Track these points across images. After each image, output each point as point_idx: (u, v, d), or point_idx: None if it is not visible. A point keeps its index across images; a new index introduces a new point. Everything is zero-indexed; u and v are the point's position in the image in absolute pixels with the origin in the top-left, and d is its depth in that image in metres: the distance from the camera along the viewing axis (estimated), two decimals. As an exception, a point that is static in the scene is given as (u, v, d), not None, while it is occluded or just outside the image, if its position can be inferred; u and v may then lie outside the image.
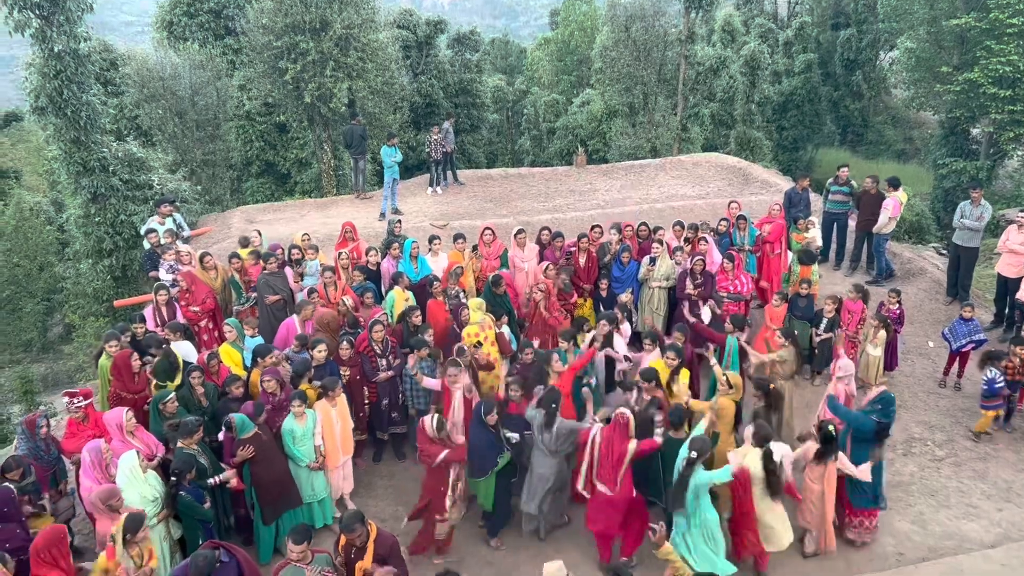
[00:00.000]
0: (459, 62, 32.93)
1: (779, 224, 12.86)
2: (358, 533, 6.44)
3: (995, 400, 10.12)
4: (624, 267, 11.64)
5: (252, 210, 18.87)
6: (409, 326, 9.98)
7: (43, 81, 16.18)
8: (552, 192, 19.30)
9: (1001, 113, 27.15)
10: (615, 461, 7.69)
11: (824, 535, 8.19)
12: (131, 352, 8.98)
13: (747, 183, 19.53)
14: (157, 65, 21.79)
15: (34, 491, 7.79)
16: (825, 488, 7.96)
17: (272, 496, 8.09)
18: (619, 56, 28.65)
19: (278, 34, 20.40)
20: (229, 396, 8.53)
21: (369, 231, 15.48)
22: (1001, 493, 9.36)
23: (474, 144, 33.70)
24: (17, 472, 7.57)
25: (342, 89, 20.81)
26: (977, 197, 12.74)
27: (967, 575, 8.03)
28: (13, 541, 6.91)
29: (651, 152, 28.02)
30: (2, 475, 7.49)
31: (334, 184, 23.30)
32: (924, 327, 13.08)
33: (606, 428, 7.82)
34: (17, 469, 7.58)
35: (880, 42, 41.05)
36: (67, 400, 8.54)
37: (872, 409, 8.31)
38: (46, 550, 6.34)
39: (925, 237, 23.96)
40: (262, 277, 11.00)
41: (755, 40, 35.33)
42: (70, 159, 17.07)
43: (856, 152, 39.97)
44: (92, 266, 18.66)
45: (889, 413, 8.30)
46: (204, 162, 22.92)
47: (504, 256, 11.94)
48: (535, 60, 46.60)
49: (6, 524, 7.05)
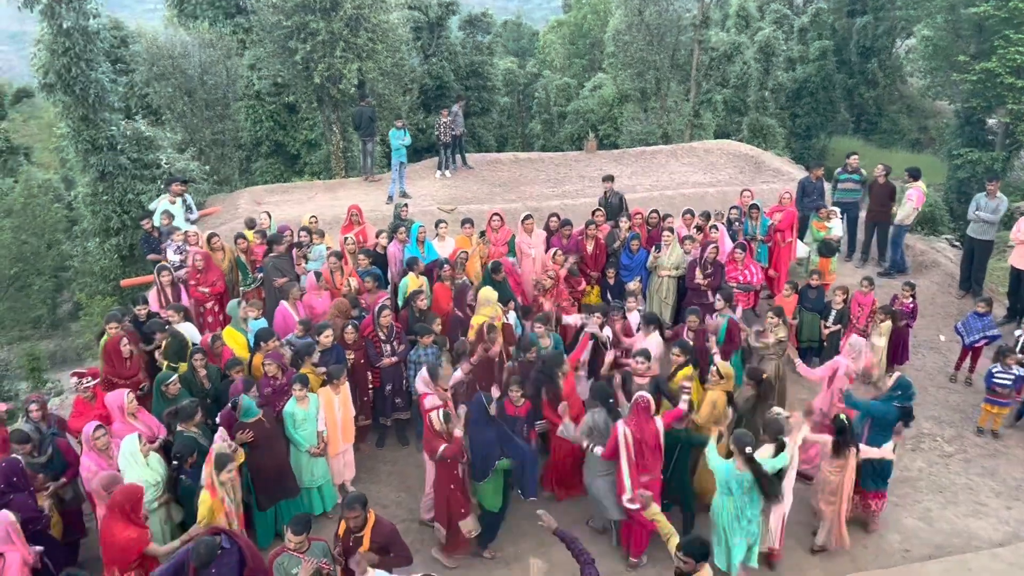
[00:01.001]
0: (470, 44, 32.65)
1: (790, 212, 12.72)
2: (356, 514, 6.37)
3: (997, 396, 10.04)
4: (633, 255, 11.52)
5: (260, 191, 18.80)
6: (414, 311, 9.91)
7: (51, 58, 16.10)
8: (562, 177, 19.15)
9: (1018, 103, 26.78)
10: (653, 446, 7.59)
11: (837, 529, 8.11)
12: (121, 337, 8.88)
13: (759, 171, 19.34)
14: (167, 43, 21.69)
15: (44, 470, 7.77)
16: (844, 480, 7.90)
17: (268, 484, 8.05)
18: (632, 40, 28.38)
19: (288, 13, 20.23)
20: (230, 379, 8.49)
21: (376, 214, 15.39)
22: (1010, 491, 9.25)
23: (484, 127, 33.49)
24: (25, 446, 7.58)
25: (352, 70, 20.65)
26: (993, 189, 12.56)
27: (974, 574, 7.93)
28: (25, 511, 6.94)
29: (662, 138, 27.81)
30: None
31: (343, 166, 23.20)
32: (936, 320, 12.94)
33: (630, 420, 7.64)
34: (25, 443, 7.59)
35: (897, 30, 40.53)
36: (75, 380, 8.56)
37: (892, 396, 8.36)
38: (122, 505, 6.47)
39: (938, 228, 23.69)
40: (270, 260, 10.92)
41: (770, 26, 34.90)
42: (78, 137, 17.02)
43: (870, 141, 39.55)
44: (99, 245, 18.67)
45: (909, 396, 8.43)
46: (213, 142, 22.85)
47: (511, 242, 11.82)
48: (547, 43, 46.24)
49: (18, 494, 7.08)
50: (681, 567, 5.70)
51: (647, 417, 7.62)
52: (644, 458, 7.62)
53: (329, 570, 6.24)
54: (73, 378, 8.68)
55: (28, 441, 7.68)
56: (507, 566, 8.25)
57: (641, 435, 7.57)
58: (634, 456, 7.57)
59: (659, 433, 7.65)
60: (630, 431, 7.56)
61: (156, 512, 7.35)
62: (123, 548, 6.43)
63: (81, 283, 22.02)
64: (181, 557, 6.14)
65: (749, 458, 7.06)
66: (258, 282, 11.11)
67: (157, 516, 7.37)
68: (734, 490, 7.22)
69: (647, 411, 7.62)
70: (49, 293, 26.33)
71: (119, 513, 6.45)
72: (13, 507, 6.77)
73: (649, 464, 7.65)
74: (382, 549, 6.40)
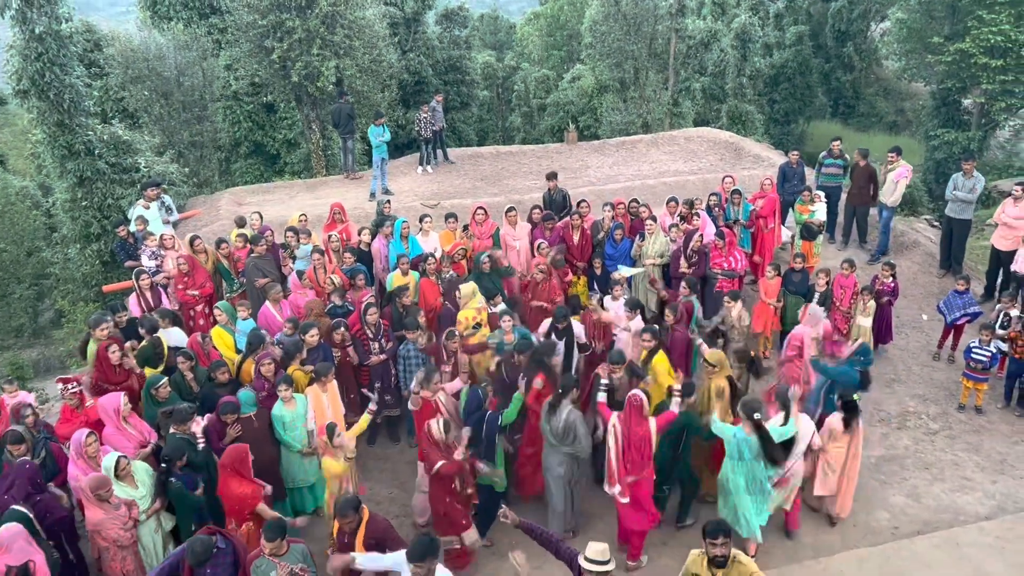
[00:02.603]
0: (448, 39, 32.54)
1: (772, 198, 12.80)
2: (350, 519, 6.36)
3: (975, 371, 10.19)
4: (617, 245, 11.56)
5: (241, 192, 18.69)
6: (398, 307, 9.91)
7: (24, 64, 15.91)
8: (544, 169, 19.07)
9: (992, 83, 27.08)
10: (640, 446, 7.46)
11: (841, 499, 8.38)
12: (110, 344, 8.81)
13: (739, 158, 19.43)
14: (142, 46, 21.44)
15: None
16: (851, 454, 8.16)
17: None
18: (609, 30, 28.39)
19: (263, 12, 20.08)
20: (215, 382, 8.46)
21: (359, 212, 15.35)
22: (995, 465, 9.39)
23: (464, 122, 33.41)
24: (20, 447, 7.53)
25: (329, 68, 20.52)
26: (969, 169, 12.68)
27: (962, 548, 8.06)
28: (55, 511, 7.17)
29: (643, 128, 27.85)
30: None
31: (324, 164, 23.07)
32: (917, 300, 13.09)
33: (621, 415, 7.54)
34: (19, 444, 7.54)
35: (871, 13, 40.78)
36: (61, 386, 8.49)
37: (855, 361, 8.74)
38: (232, 465, 7.04)
39: (918, 209, 23.94)
40: (251, 260, 10.89)
41: (746, 12, 34.93)
42: (54, 143, 16.85)
43: (848, 124, 39.79)
44: (80, 251, 18.48)
45: (869, 360, 8.98)
46: (191, 144, 22.64)
47: (496, 235, 11.83)
48: (525, 35, 46.15)
49: (43, 495, 7.18)
50: (715, 553, 5.66)
51: (639, 417, 7.47)
52: (627, 456, 7.51)
53: (306, 574, 6.23)
54: (59, 384, 8.61)
55: (23, 442, 7.61)
56: (502, 557, 8.26)
57: (628, 435, 7.47)
58: (621, 452, 7.52)
59: (650, 435, 7.49)
60: (619, 426, 7.52)
61: (146, 523, 7.31)
62: (239, 502, 6.94)
63: (63, 290, 21.80)
64: (176, 556, 6.15)
65: (757, 423, 7.24)
66: (242, 287, 11.07)
67: (147, 526, 7.32)
68: (744, 454, 7.36)
69: (640, 411, 7.47)
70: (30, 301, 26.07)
71: (231, 471, 7.00)
72: (42, 507, 6.99)
73: (635, 464, 7.50)
74: (378, 545, 6.39)
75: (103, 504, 6.83)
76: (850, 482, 8.31)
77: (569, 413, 7.73)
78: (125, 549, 7.18)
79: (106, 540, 7.02)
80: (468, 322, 9.55)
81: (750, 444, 7.31)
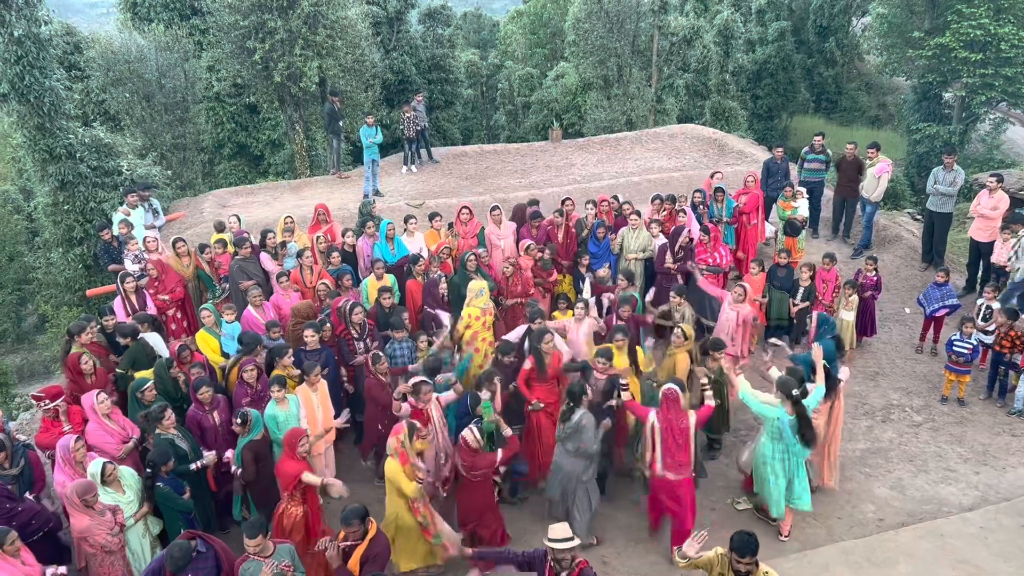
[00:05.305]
0: (431, 37, 32.47)
1: (755, 195, 12.87)
2: (353, 529, 6.33)
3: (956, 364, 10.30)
4: (600, 242, 11.60)
5: (225, 194, 18.59)
6: (383, 308, 9.89)
7: (4, 67, 15.76)
8: (529, 168, 19.18)
9: (973, 77, 27.31)
10: (682, 441, 7.47)
11: (825, 470, 8.62)
12: (80, 354, 8.72)
13: (723, 154, 19.51)
14: (122, 47, 21.26)
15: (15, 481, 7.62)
16: (832, 423, 8.43)
17: (266, 498, 8.02)
18: (592, 28, 28.41)
19: (245, 13, 19.97)
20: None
21: (344, 212, 15.31)
22: (978, 456, 9.48)
23: (449, 120, 33.38)
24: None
25: (312, 68, 20.45)
26: (950, 162, 12.80)
27: (946, 538, 8.12)
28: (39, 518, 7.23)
29: (627, 125, 27.91)
30: None
31: (307, 165, 22.99)
32: (900, 294, 13.19)
33: (661, 411, 7.53)
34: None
35: (853, 8, 41.06)
36: (35, 404, 8.42)
37: (823, 333, 9.06)
38: (289, 443, 7.37)
39: (900, 203, 24.12)
40: (235, 263, 10.85)
41: (728, 9, 35.08)
42: (35, 146, 16.71)
43: (831, 119, 40.04)
44: (63, 255, 18.35)
45: (832, 326, 9.41)
46: (174, 146, 22.49)
47: (481, 234, 11.83)
48: (508, 34, 46.11)
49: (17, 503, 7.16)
50: (739, 568, 5.60)
51: (678, 410, 7.50)
52: (669, 452, 7.49)
53: (291, 573, 6.21)
54: (33, 400, 8.54)
55: (3, 449, 7.57)
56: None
57: (669, 430, 7.46)
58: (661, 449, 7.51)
59: (689, 428, 7.50)
60: (659, 422, 7.52)
61: (134, 527, 7.28)
62: (288, 476, 7.25)
63: (46, 295, 21.63)
64: (158, 562, 6.12)
65: (796, 401, 7.44)
66: (226, 293, 11.02)
67: (135, 531, 7.29)
68: (785, 434, 7.53)
69: (677, 403, 7.49)
70: (13, 307, 25.91)
71: (288, 449, 7.35)
72: (23, 516, 7.00)
73: (676, 459, 7.48)
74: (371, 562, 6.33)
75: (88, 511, 6.79)
76: (833, 450, 8.60)
77: (582, 416, 7.73)
78: (113, 555, 7.11)
79: (93, 547, 6.96)
80: (466, 320, 9.53)
81: (791, 424, 7.48)
